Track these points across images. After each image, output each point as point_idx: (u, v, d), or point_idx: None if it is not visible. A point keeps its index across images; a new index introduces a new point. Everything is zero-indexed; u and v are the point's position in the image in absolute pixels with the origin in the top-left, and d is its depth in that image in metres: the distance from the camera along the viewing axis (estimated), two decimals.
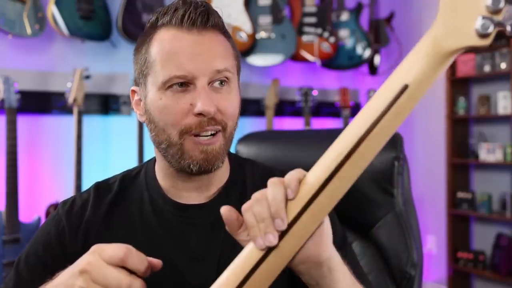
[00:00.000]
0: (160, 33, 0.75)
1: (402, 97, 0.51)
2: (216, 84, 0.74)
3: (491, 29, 0.47)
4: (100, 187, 0.84)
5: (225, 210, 0.59)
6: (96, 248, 0.59)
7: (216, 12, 0.78)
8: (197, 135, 0.73)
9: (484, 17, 0.47)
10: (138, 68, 0.78)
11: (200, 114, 0.72)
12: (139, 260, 0.57)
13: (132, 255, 0.57)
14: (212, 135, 0.74)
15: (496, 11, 0.47)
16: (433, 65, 0.50)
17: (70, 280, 0.59)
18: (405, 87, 0.51)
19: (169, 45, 0.73)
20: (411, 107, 0.51)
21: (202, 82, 0.72)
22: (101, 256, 0.57)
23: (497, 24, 0.47)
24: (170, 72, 0.72)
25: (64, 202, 0.84)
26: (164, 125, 0.74)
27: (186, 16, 0.73)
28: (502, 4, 0.46)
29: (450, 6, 0.49)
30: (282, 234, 0.54)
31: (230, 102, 0.75)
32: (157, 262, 0.60)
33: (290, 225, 0.53)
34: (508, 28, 0.47)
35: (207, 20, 0.74)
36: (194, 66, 0.72)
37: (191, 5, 0.74)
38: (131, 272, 0.57)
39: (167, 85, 0.73)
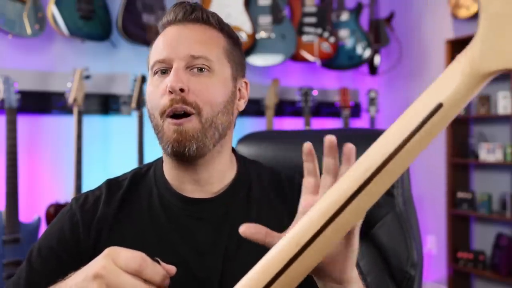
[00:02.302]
0: (159, 34, 0.83)
1: (435, 116, 0.49)
2: (196, 70, 0.77)
3: None
4: (111, 184, 0.86)
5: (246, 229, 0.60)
6: (110, 251, 0.58)
7: (209, 11, 0.83)
8: (172, 117, 0.76)
9: None
10: (147, 65, 0.85)
11: (170, 92, 0.75)
12: (154, 271, 0.57)
13: (148, 266, 0.56)
14: (186, 115, 0.76)
15: None
16: (469, 85, 0.48)
17: (84, 284, 0.58)
18: (439, 106, 0.49)
19: (158, 40, 0.81)
20: (443, 126, 0.50)
21: (177, 64, 0.76)
22: (115, 262, 0.56)
23: None
24: (153, 59, 0.79)
25: (77, 198, 0.85)
26: (151, 109, 0.79)
27: (172, 13, 0.81)
28: None
29: (492, 25, 0.47)
30: (305, 246, 0.52)
31: (207, 86, 0.77)
32: (171, 268, 0.60)
33: (313, 237, 0.52)
34: None
35: (190, 12, 0.80)
36: (171, 50, 0.77)
37: (177, 5, 0.82)
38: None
39: (153, 72, 0.79)
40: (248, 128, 3.15)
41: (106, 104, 2.74)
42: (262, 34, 3.04)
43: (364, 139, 1.06)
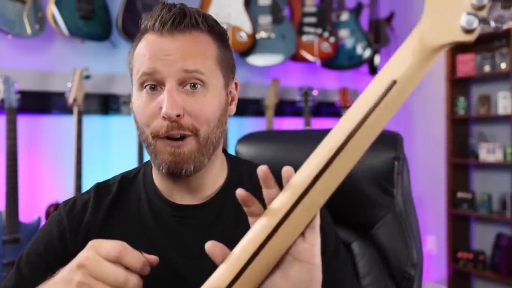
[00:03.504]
0: (142, 38, 0.78)
1: (390, 92, 0.52)
2: (188, 86, 0.74)
3: (476, 24, 0.48)
4: (100, 188, 0.86)
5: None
6: (93, 243, 0.60)
7: (196, 12, 0.77)
8: (167, 137, 0.74)
9: (468, 13, 0.48)
10: (129, 70, 0.81)
11: (165, 118, 0.72)
12: (135, 258, 0.58)
13: (128, 253, 0.58)
14: (182, 138, 0.74)
15: (480, 7, 0.48)
16: (420, 61, 0.51)
17: (69, 275, 0.60)
18: (394, 83, 0.52)
19: (143, 49, 0.76)
20: (400, 102, 0.53)
21: (170, 83, 0.73)
22: (98, 252, 0.58)
23: (482, 20, 0.48)
24: (140, 71, 0.74)
25: (66, 202, 0.86)
26: (141, 125, 0.76)
27: (159, 20, 0.75)
28: (486, 1, 0.48)
29: (436, 3, 0.51)
30: (276, 227, 0.54)
31: (204, 105, 0.74)
32: (153, 258, 0.61)
33: (284, 218, 0.54)
34: (492, 24, 0.49)
35: (179, 22, 0.75)
36: (162, 66, 0.73)
37: (164, 9, 0.76)
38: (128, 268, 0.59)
39: (141, 86, 0.75)
40: (248, 128, 3.15)
41: (106, 104, 2.74)
42: (262, 34, 3.04)
43: None
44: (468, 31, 0.49)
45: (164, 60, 0.73)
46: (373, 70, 3.69)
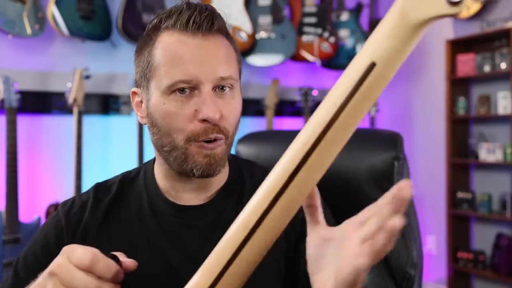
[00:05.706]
0: (164, 36, 0.74)
1: (369, 77, 0.46)
2: (218, 89, 0.74)
3: None
4: (99, 188, 0.85)
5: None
6: (66, 250, 0.58)
7: (220, 15, 0.77)
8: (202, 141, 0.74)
9: None
10: (141, 71, 0.77)
11: (205, 120, 0.72)
12: (106, 267, 0.57)
13: (99, 262, 0.56)
14: (215, 140, 0.74)
15: None
16: (402, 39, 0.46)
17: (42, 282, 0.59)
18: (372, 65, 0.46)
19: (174, 49, 0.72)
20: (381, 87, 0.47)
21: (207, 87, 0.72)
22: (70, 259, 0.57)
23: None
24: (174, 77, 0.71)
25: (64, 203, 0.84)
26: (169, 130, 0.74)
27: (192, 20, 0.72)
28: None
29: None
30: (254, 228, 0.51)
31: (232, 108, 0.76)
32: (131, 262, 0.60)
33: (261, 219, 0.51)
34: None
35: (212, 24, 0.73)
36: (199, 71, 0.71)
37: (196, 9, 0.73)
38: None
39: (171, 90, 0.72)
40: (248, 128, 3.15)
41: (106, 104, 2.74)
42: (262, 34, 3.04)
43: (364, 139, 1.06)
44: (454, 2, 0.43)
45: (200, 65, 0.72)
46: None
